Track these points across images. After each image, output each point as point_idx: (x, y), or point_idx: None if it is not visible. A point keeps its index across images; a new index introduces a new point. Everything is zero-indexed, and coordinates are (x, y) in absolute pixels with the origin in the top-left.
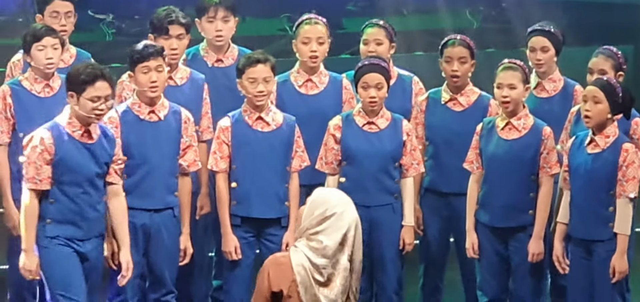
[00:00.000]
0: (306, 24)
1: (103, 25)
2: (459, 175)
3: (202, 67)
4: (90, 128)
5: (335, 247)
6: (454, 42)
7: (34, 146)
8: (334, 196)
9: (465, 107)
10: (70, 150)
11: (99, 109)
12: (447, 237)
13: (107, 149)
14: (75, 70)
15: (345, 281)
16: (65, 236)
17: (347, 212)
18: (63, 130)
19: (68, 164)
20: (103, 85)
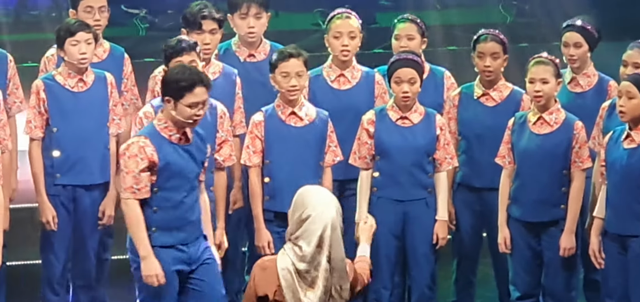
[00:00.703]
0: (338, 18)
1: (136, 20)
2: (492, 170)
3: (234, 62)
4: (186, 130)
5: (313, 251)
6: (486, 38)
7: (133, 155)
8: (311, 197)
9: (498, 102)
10: (172, 154)
11: (197, 115)
12: (480, 232)
13: (202, 148)
14: (173, 76)
15: (326, 281)
16: (172, 242)
17: (323, 214)
18: (162, 135)
19: (172, 169)
20: (201, 91)
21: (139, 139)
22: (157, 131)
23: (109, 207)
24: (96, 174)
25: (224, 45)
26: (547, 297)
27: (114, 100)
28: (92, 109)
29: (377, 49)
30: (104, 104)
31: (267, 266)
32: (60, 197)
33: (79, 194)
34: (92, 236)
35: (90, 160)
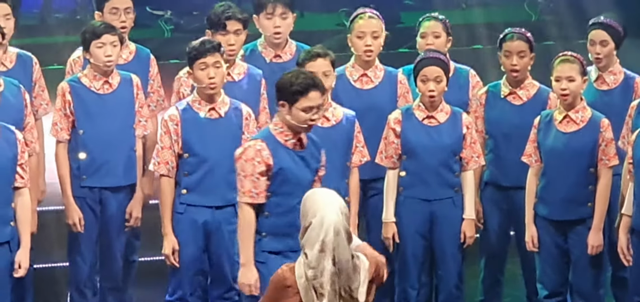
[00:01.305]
0: (360, 18)
1: (161, 21)
2: (519, 168)
3: (260, 62)
4: (301, 136)
5: (317, 256)
6: (512, 36)
7: (249, 159)
8: (313, 201)
9: (525, 101)
10: (287, 160)
11: (312, 119)
12: (507, 231)
13: (316, 155)
14: (287, 80)
15: (333, 284)
16: (281, 249)
17: (324, 219)
18: (277, 140)
19: (287, 175)
20: (316, 95)
21: (256, 142)
22: (273, 135)
23: (136, 209)
24: (122, 176)
25: (249, 46)
26: (575, 295)
27: (140, 102)
28: (118, 110)
29: (402, 49)
30: (130, 106)
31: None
32: (87, 200)
33: (106, 196)
34: (119, 237)
35: (117, 162)
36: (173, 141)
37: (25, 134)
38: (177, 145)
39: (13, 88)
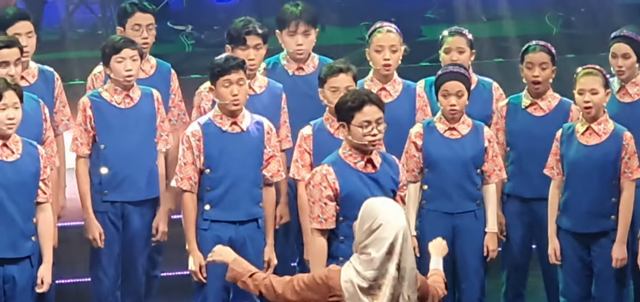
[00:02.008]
0: (379, 32)
1: (182, 36)
2: (541, 180)
3: (282, 76)
4: (372, 157)
5: (382, 258)
6: (535, 48)
7: (316, 184)
8: (380, 206)
9: (546, 112)
10: (356, 183)
11: (372, 134)
12: (530, 243)
13: (392, 176)
14: (342, 99)
15: (394, 289)
16: None
17: (394, 222)
18: (345, 163)
19: (357, 199)
20: (371, 109)
21: (323, 167)
22: (341, 159)
23: (162, 223)
24: (144, 190)
25: (272, 59)
26: None
27: (161, 116)
28: (139, 125)
29: (424, 63)
30: (151, 120)
31: (333, 274)
32: (109, 214)
33: (128, 211)
34: (142, 252)
35: (138, 176)
36: (195, 157)
37: (45, 148)
38: (199, 161)
39: (32, 102)
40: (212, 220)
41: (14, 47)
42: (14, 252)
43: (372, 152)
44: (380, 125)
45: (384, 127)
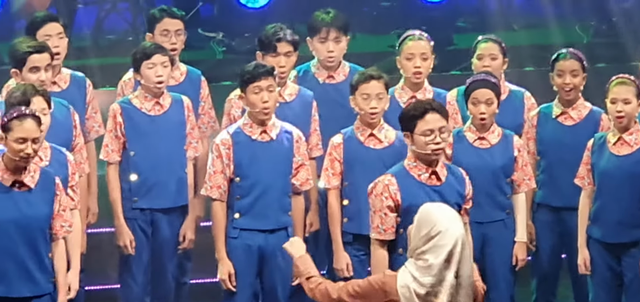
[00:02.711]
0: (410, 40)
1: (213, 43)
2: (571, 190)
3: (313, 83)
4: (437, 169)
5: (441, 265)
6: (565, 56)
7: (378, 194)
8: (439, 213)
9: (577, 121)
10: (419, 195)
11: (435, 143)
12: (559, 253)
13: (459, 189)
14: (406, 110)
15: (451, 297)
16: None
17: (452, 229)
18: (409, 174)
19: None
20: (434, 117)
21: (386, 176)
22: (406, 170)
23: (190, 230)
24: (174, 198)
25: (303, 67)
26: None
27: (191, 124)
28: (169, 132)
29: (455, 71)
30: (181, 127)
31: (388, 280)
32: (138, 221)
33: (157, 218)
34: (171, 259)
35: (168, 183)
36: (225, 165)
37: (75, 155)
38: (229, 169)
39: (62, 109)
40: (241, 228)
41: (45, 52)
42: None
43: (438, 164)
44: (444, 134)
45: (448, 136)
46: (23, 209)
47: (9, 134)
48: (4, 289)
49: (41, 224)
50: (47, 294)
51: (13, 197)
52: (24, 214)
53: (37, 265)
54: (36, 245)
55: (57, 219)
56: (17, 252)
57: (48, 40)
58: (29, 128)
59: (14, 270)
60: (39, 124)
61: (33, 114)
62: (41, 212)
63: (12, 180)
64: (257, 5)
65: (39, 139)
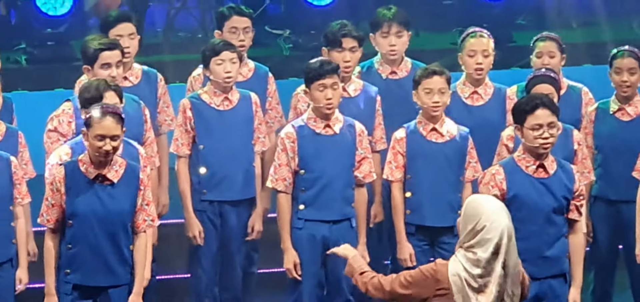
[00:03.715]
0: (471, 37)
1: (280, 40)
2: (628, 183)
3: (376, 79)
4: (546, 163)
5: (489, 257)
6: (623, 54)
7: (485, 183)
8: (484, 207)
9: (634, 117)
10: (525, 186)
11: (543, 138)
12: (616, 244)
13: (566, 183)
14: (518, 103)
15: (500, 287)
16: None
17: (497, 222)
18: (518, 166)
19: (524, 200)
20: (544, 113)
21: (494, 167)
22: (515, 161)
23: (258, 222)
24: (241, 190)
25: (366, 63)
26: None
27: (258, 119)
28: (237, 127)
29: (515, 67)
30: (249, 123)
31: (440, 268)
32: (207, 213)
33: (225, 210)
34: (239, 250)
35: (236, 176)
36: (290, 158)
37: (146, 148)
38: (294, 162)
39: (134, 104)
40: (306, 219)
41: (116, 49)
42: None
43: (547, 157)
44: (552, 129)
45: (557, 131)
46: (105, 203)
47: (89, 130)
48: (82, 278)
49: (122, 218)
50: (124, 284)
51: (96, 191)
52: (105, 208)
53: (117, 257)
54: (117, 238)
55: (140, 213)
56: (97, 244)
57: (120, 39)
58: (108, 126)
59: (93, 260)
60: (120, 122)
61: (114, 111)
62: (123, 207)
63: (96, 174)
64: (322, 3)
65: (119, 136)
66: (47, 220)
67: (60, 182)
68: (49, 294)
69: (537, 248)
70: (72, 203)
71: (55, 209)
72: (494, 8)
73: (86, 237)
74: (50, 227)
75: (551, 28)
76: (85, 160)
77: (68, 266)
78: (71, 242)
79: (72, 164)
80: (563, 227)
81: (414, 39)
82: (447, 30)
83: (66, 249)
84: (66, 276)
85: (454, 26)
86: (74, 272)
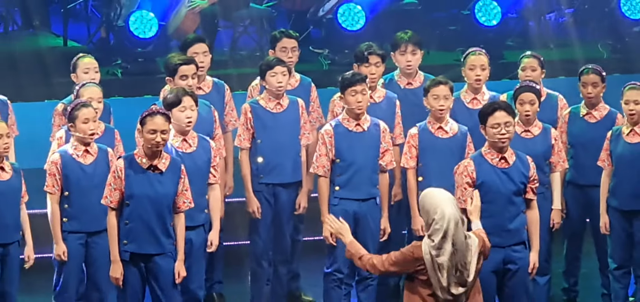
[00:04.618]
0: (472, 54)
1: (320, 57)
2: (594, 171)
3: (396, 88)
4: (506, 155)
5: (440, 241)
6: (588, 71)
7: (460, 173)
8: (432, 200)
9: (598, 119)
10: (490, 175)
11: (500, 134)
12: (584, 218)
13: (523, 171)
14: (482, 108)
15: (451, 260)
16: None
17: (444, 212)
18: (484, 158)
19: (490, 186)
20: (501, 114)
21: (466, 160)
22: (482, 155)
23: (303, 200)
24: (291, 175)
25: (388, 75)
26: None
27: (304, 119)
28: (287, 125)
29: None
30: (296, 122)
31: (416, 250)
32: (263, 193)
33: (278, 191)
34: (288, 222)
35: (286, 164)
36: (328, 150)
37: (215, 142)
38: (331, 153)
39: (205, 107)
40: (340, 198)
41: (192, 64)
42: (191, 221)
43: (507, 150)
44: (509, 127)
45: (513, 129)
46: (155, 187)
47: (144, 127)
48: (136, 247)
49: (168, 200)
50: (168, 253)
51: (148, 178)
52: (155, 191)
53: (162, 230)
54: (163, 215)
55: (181, 197)
56: (148, 220)
57: (195, 56)
58: (158, 122)
59: (145, 233)
60: (168, 120)
61: (163, 112)
62: (168, 191)
63: (148, 164)
64: (354, 28)
65: (167, 131)
66: (110, 201)
67: (121, 171)
68: (115, 262)
69: (501, 223)
70: (129, 187)
71: (116, 192)
72: (489, 32)
73: (140, 215)
74: (113, 207)
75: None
76: (140, 153)
77: (126, 238)
78: (128, 218)
79: (130, 157)
80: (521, 206)
81: (425, 56)
82: (451, 50)
83: (124, 224)
84: (124, 246)
85: (457, 46)
86: (130, 242)
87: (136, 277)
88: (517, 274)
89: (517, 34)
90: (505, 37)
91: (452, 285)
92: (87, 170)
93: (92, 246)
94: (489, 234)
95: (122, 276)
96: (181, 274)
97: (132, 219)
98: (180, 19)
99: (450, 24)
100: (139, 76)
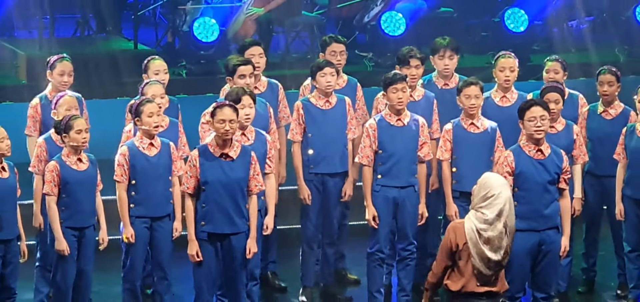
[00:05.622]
0: (502, 57)
1: (366, 60)
2: (610, 163)
3: (434, 88)
4: (542, 148)
5: (493, 217)
6: (605, 71)
7: (500, 163)
8: (494, 181)
9: (614, 116)
10: (528, 165)
11: (536, 127)
12: (602, 205)
13: (557, 163)
14: (521, 104)
15: (500, 241)
16: (524, 227)
17: (503, 193)
18: (521, 150)
19: (526, 176)
20: (537, 109)
21: (506, 151)
22: (520, 147)
23: (349, 188)
24: (338, 166)
25: (427, 76)
26: None
27: (350, 115)
28: (335, 121)
29: (531, 80)
30: (344, 118)
31: (458, 226)
32: (314, 182)
33: (326, 180)
34: (336, 207)
35: (334, 156)
36: (372, 142)
37: (270, 136)
38: (375, 145)
39: (262, 104)
40: (382, 185)
41: (249, 65)
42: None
43: (543, 143)
44: (544, 121)
45: (548, 123)
46: (227, 173)
47: (214, 118)
48: (212, 227)
49: (240, 184)
50: (242, 232)
51: (221, 165)
52: (227, 176)
53: (236, 211)
54: (236, 198)
55: (252, 180)
56: (222, 203)
57: (252, 58)
58: (227, 113)
59: (220, 215)
60: (235, 112)
61: (230, 104)
62: (240, 175)
63: (220, 153)
64: (396, 33)
65: (235, 121)
66: (187, 187)
67: (195, 160)
68: (191, 241)
69: (537, 209)
70: (204, 174)
71: (192, 179)
72: (517, 38)
73: (215, 199)
74: (189, 193)
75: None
76: (212, 144)
77: (203, 219)
78: (204, 202)
79: (203, 147)
80: (555, 194)
81: (461, 60)
82: (483, 53)
83: (201, 207)
84: (201, 227)
85: (488, 50)
86: (207, 223)
87: (211, 255)
88: (548, 255)
89: (542, 40)
90: (532, 42)
91: (491, 260)
92: (151, 161)
93: (156, 229)
94: (526, 218)
95: (198, 254)
96: (252, 250)
97: (208, 202)
98: (239, 24)
99: (482, 30)
100: (201, 76)
